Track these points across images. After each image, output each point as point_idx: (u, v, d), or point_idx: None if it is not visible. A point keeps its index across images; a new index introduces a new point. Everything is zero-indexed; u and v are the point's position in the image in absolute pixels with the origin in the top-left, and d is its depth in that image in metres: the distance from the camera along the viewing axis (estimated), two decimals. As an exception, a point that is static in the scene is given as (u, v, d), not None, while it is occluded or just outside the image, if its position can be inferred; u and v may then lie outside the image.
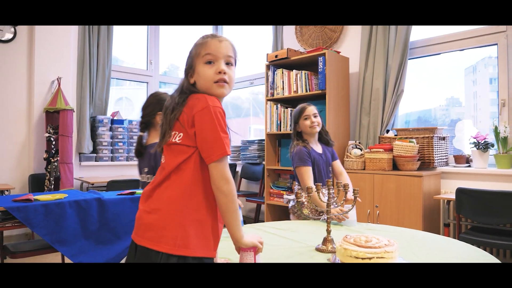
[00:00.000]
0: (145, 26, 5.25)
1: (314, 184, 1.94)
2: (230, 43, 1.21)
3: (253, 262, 1.16)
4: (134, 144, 4.59)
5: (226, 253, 1.40)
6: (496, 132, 3.07)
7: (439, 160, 3.29)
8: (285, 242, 1.54)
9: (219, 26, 6.00)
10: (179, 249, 1.05)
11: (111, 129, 4.53)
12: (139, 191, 2.66)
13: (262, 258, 1.26)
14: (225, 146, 1.09)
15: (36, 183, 3.77)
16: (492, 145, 3.11)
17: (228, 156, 1.12)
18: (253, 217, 4.87)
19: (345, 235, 1.33)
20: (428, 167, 3.25)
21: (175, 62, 5.82)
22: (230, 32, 5.94)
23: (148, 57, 5.27)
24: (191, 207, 1.09)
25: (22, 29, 3.99)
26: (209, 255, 1.11)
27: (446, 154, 3.42)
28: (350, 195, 1.73)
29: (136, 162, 2.10)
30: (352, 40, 4.03)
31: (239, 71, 5.51)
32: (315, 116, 2.24)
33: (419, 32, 3.70)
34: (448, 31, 3.54)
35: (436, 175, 3.22)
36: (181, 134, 1.12)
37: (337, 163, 2.35)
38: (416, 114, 4.21)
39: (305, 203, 2.15)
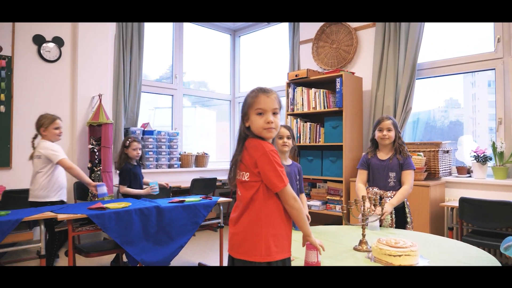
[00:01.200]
0: (171, 44, 5.67)
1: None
2: (276, 97, 1.58)
3: (315, 259, 1.58)
4: (163, 153, 5.00)
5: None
6: (494, 147, 3.50)
7: (443, 171, 3.72)
8: (329, 243, 1.96)
9: (237, 38, 6.43)
10: (265, 258, 1.46)
11: (142, 139, 4.94)
12: (188, 199, 3.09)
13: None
14: (283, 178, 1.49)
15: (80, 190, 4.17)
16: (490, 159, 3.54)
17: None
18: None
19: (378, 238, 1.76)
20: (434, 177, 3.68)
21: (196, 77, 6.24)
22: (248, 45, 6.37)
23: (173, 72, 5.69)
24: (267, 226, 1.49)
25: (66, 50, 4.41)
26: (286, 256, 1.52)
27: (450, 166, 3.85)
28: (378, 210, 2.15)
29: (164, 170, 2.52)
30: (364, 60, 4.46)
31: (259, 83, 5.94)
32: (388, 130, 2.55)
33: (426, 55, 4.13)
34: (452, 55, 3.97)
35: (441, 185, 3.65)
36: (248, 173, 1.52)
37: (404, 173, 2.53)
38: (415, 115, 4.55)
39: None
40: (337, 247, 1.91)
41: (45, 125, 3.03)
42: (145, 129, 5.03)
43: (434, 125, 4.50)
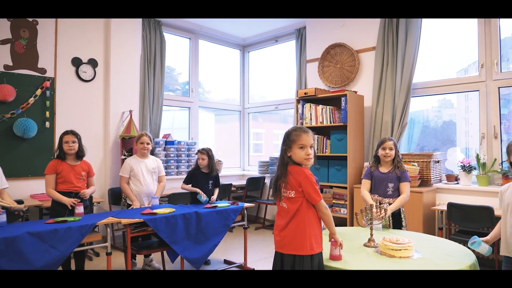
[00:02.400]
0: (188, 61, 6.21)
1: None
2: (312, 135, 2.13)
3: (338, 253, 2.13)
4: (183, 161, 5.50)
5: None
6: (478, 158, 4.08)
7: (434, 179, 4.29)
8: (344, 241, 2.50)
9: (246, 53, 6.98)
10: (309, 251, 2.01)
11: (164, 149, 5.48)
12: (220, 204, 3.64)
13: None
14: (319, 194, 2.05)
15: (114, 195, 4.69)
16: (475, 168, 4.13)
17: (257, 171, 2.08)
18: (280, 222, 5.84)
19: (383, 237, 2.31)
20: (426, 184, 4.25)
21: (211, 91, 6.77)
22: (257, 60, 6.92)
23: (190, 86, 6.23)
24: (309, 228, 2.04)
25: (100, 70, 4.93)
26: (321, 250, 2.07)
27: (440, 174, 4.43)
28: (382, 214, 2.71)
29: (183, 177, 3.05)
30: (365, 80, 5.03)
31: (268, 96, 6.47)
32: (390, 149, 3.07)
33: (420, 76, 4.69)
34: (442, 77, 4.55)
35: (432, 191, 4.22)
36: (294, 191, 2.07)
37: (401, 185, 3.05)
38: (409, 115, 4.98)
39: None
40: (350, 244, 2.46)
41: None
42: (167, 140, 5.56)
43: (428, 125, 4.95)
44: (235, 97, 7.07)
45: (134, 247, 3.30)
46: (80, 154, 3.37)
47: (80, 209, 3.11)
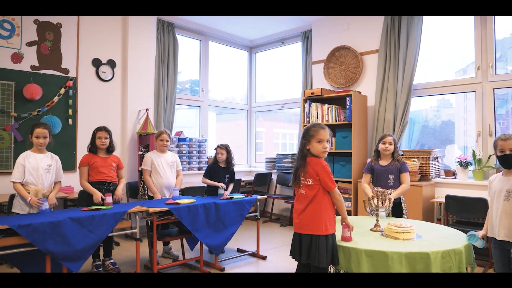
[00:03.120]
0: (198, 62, 6.50)
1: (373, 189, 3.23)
2: (328, 130, 2.42)
3: (349, 234, 2.42)
4: (194, 157, 5.77)
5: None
6: (474, 155, 4.38)
7: (433, 174, 4.59)
8: (353, 227, 2.80)
9: (253, 54, 7.26)
10: (325, 232, 2.30)
11: (177, 146, 5.76)
12: (236, 196, 3.93)
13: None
14: (334, 182, 2.34)
15: (132, 189, 4.98)
16: (471, 164, 4.42)
17: (264, 167, 2.38)
18: (287, 216, 6.15)
19: (388, 222, 2.61)
20: (426, 178, 4.54)
21: (219, 91, 7.05)
22: (263, 61, 7.20)
23: (200, 86, 6.52)
24: (324, 212, 2.33)
25: (118, 71, 5.21)
26: (334, 231, 2.37)
27: (439, 169, 4.72)
28: (386, 203, 3.00)
29: (195, 172, 3.38)
30: (369, 81, 5.32)
31: (274, 96, 6.75)
32: (390, 144, 3.38)
33: (420, 77, 4.98)
34: (441, 78, 4.84)
35: (431, 185, 4.52)
36: (311, 179, 2.36)
37: (402, 175, 3.33)
38: (409, 114, 5.23)
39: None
40: (358, 229, 2.75)
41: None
42: (180, 137, 5.84)
43: (427, 125, 5.22)
44: (239, 96, 7.35)
45: (157, 235, 3.58)
46: (110, 149, 3.65)
47: (109, 199, 3.40)
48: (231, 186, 4.34)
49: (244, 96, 7.38)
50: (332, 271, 2.53)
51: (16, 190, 3.13)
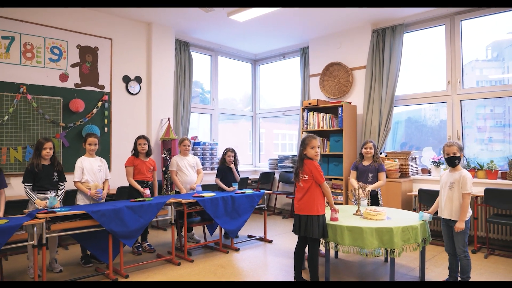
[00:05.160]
0: (209, 74, 7.39)
1: (357, 183, 4.12)
2: (319, 139, 3.32)
3: (336, 216, 3.31)
4: (207, 159, 6.64)
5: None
6: (444, 155, 5.27)
7: (412, 171, 5.47)
8: (341, 213, 3.67)
9: (257, 66, 8.15)
10: (317, 213, 3.18)
11: (192, 149, 6.64)
12: (247, 191, 4.82)
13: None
14: (323, 178, 3.23)
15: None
16: (442, 163, 5.31)
17: (267, 167, 3.26)
18: (289, 209, 7.04)
19: (366, 208, 3.50)
20: (405, 176, 5.43)
21: (227, 99, 7.94)
22: (266, 72, 8.09)
23: (211, 95, 7.41)
24: (316, 199, 3.21)
25: (143, 85, 6.10)
26: (324, 213, 3.25)
27: (417, 168, 5.61)
28: (365, 193, 3.88)
29: (208, 172, 4.23)
30: (358, 92, 6.21)
31: (275, 103, 7.63)
32: (370, 148, 4.29)
33: (402, 89, 5.86)
34: (419, 91, 5.73)
35: (410, 181, 5.41)
36: (307, 176, 3.24)
37: (379, 174, 4.23)
38: (406, 114, 6.08)
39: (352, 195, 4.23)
40: (344, 214, 3.64)
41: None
42: (195, 141, 6.73)
43: (425, 124, 6.04)
44: (245, 103, 8.25)
45: (182, 222, 4.47)
46: (149, 153, 4.54)
47: (147, 192, 4.34)
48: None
49: (249, 103, 8.27)
50: (323, 244, 3.41)
51: (78, 187, 4.02)
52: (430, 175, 5.51)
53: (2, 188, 3.60)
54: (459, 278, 3.28)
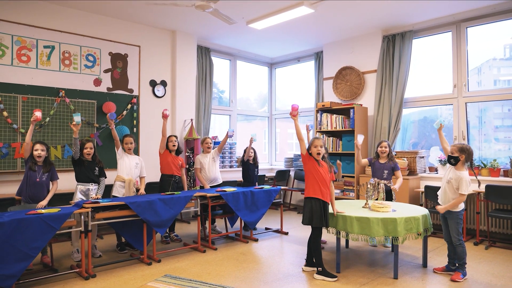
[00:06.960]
0: (228, 78, 7.83)
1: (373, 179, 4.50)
2: (322, 140, 3.71)
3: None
4: (226, 158, 7.06)
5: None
6: (450, 155, 5.60)
7: (419, 169, 5.81)
8: (350, 206, 4.06)
9: (273, 70, 8.57)
10: (307, 195, 3.61)
11: (213, 148, 7.08)
12: (265, 187, 5.24)
13: (343, 209, 3.81)
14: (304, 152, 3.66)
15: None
16: (448, 162, 5.63)
17: (283, 165, 3.66)
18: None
19: (374, 201, 3.89)
20: (413, 174, 5.77)
21: (243, 99, 8.38)
22: (282, 75, 8.50)
23: (230, 97, 7.85)
24: (311, 185, 3.63)
25: (168, 89, 6.57)
26: (316, 196, 3.63)
27: (424, 166, 5.95)
28: (380, 195, 4.25)
29: (227, 170, 4.65)
30: (369, 95, 6.57)
31: (290, 104, 8.03)
32: (385, 147, 4.66)
33: (410, 92, 6.20)
34: (427, 93, 6.06)
35: (417, 178, 5.75)
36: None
37: (396, 172, 4.59)
38: (422, 114, 6.40)
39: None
40: (353, 208, 4.03)
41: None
42: (215, 141, 7.18)
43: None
44: (261, 105, 8.67)
45: (206, 215, 4.91)
46: (179, 150, 5.02)
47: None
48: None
49: (263, 104, 8.69)
50: (333, 233, 3.80)
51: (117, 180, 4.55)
52: (437, 172, 5.84)
53: (55, 180, 4.11)
54: (456, 264, 3.64)
